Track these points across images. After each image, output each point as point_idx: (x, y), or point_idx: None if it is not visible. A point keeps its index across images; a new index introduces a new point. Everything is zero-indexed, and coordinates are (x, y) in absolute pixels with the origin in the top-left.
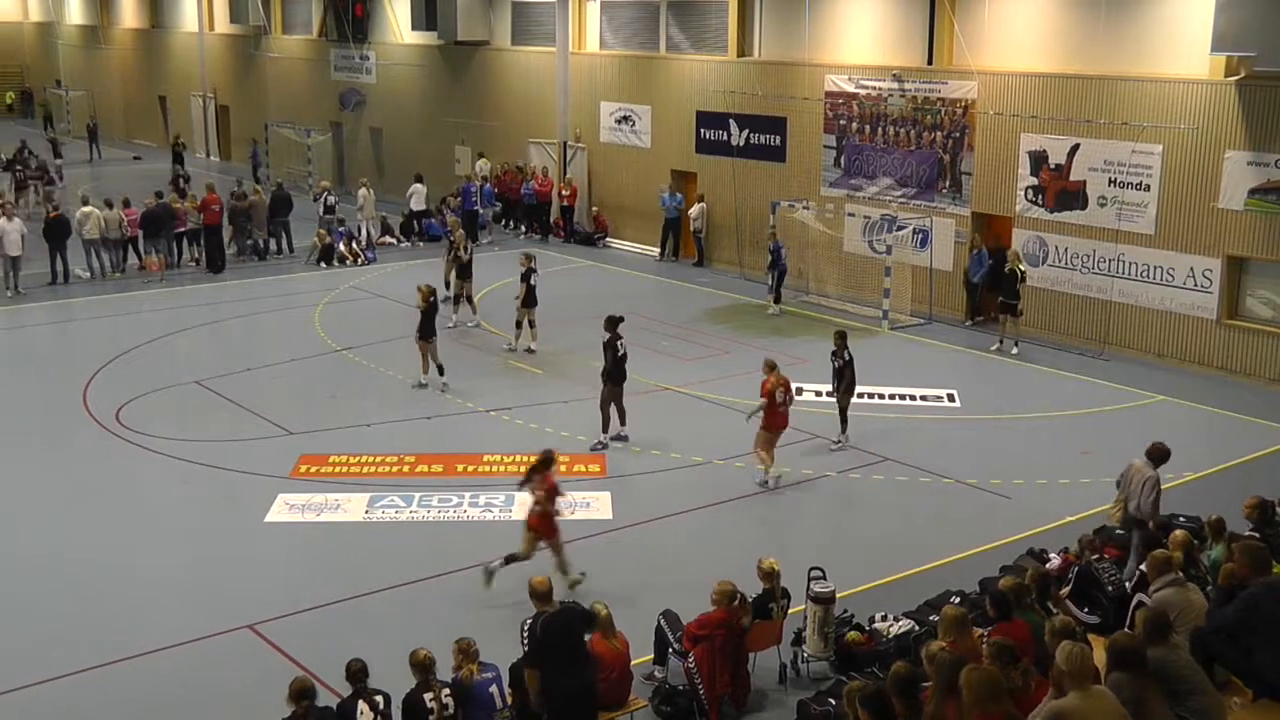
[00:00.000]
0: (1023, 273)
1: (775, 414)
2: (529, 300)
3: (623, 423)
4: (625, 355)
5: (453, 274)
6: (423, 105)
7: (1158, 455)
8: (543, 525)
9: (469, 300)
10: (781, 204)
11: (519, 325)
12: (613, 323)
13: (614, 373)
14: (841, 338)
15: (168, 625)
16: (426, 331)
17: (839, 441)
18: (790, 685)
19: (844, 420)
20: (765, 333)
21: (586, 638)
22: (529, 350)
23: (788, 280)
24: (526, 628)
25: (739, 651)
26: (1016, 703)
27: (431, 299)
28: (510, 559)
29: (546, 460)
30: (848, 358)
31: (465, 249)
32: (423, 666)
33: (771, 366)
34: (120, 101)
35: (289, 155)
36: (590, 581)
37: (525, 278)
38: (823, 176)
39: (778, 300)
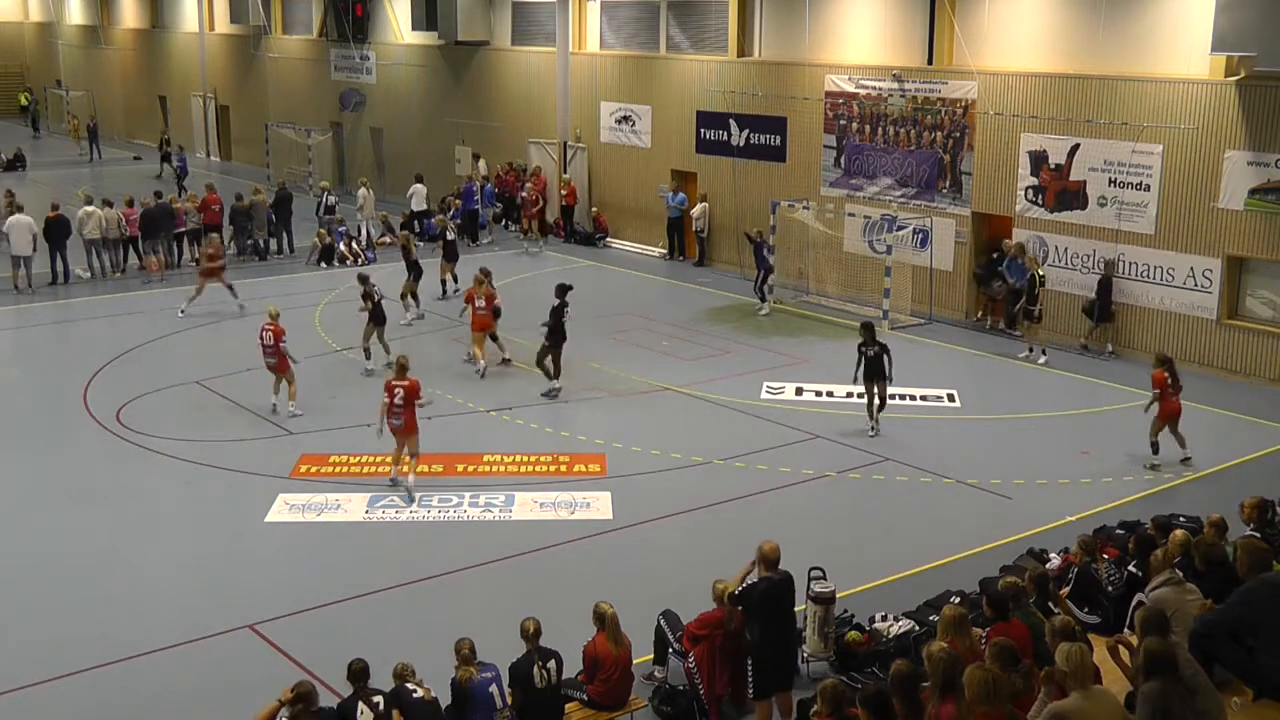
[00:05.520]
0: (1042, 278)
1: (475, 316)
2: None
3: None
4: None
5: (446, 269)
6: (423, 105)
7: None
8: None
9: (413, 296)
10: (781, 204)
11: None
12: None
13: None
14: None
15: (168, 625)
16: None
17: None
18: None
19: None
20: (768, 332)
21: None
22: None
23: (786, 280)
24: (751, 587)
25: (739, 652)
26: (1017, 704)
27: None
28: None
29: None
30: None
31: (413, 249)
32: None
33: (479, 280)
34: (120, 101)
35: (289, 155)
36: (590, 582)
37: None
38: (823, 176)
39: (763, 299)
